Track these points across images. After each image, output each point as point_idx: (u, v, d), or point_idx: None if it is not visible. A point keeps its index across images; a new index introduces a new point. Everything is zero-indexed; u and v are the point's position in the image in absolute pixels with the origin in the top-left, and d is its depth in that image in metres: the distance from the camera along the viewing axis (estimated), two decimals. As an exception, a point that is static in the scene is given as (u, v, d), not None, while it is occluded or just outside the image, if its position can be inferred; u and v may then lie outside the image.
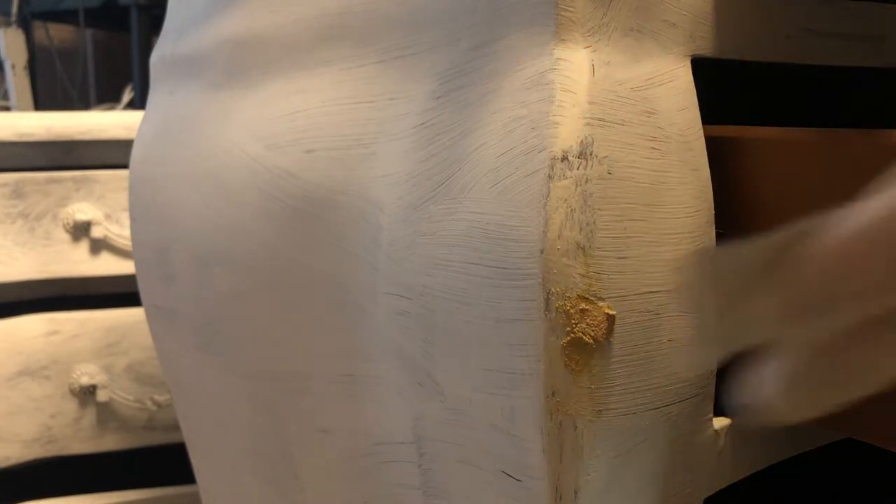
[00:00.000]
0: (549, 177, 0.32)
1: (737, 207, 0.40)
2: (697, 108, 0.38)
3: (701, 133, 0.38)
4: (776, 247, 0.28)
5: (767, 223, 0.38)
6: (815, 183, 0.36)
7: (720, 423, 0.40)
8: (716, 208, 0.39)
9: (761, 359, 0.28)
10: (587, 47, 0.35)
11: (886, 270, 0.24)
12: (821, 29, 0.46)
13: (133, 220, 0.74)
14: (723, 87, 0.46)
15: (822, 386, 0.27)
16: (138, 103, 2.40)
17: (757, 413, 0.29)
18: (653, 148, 0.35)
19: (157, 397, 1.14)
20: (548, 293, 0.32)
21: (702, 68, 0.41)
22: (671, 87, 0.37)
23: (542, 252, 0.33)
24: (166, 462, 1.16)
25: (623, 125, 0.35)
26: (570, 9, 0.35)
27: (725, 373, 0.39)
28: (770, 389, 0.28)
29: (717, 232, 0.39)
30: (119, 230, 1.12)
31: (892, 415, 0.35)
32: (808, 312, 0.26)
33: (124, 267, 1.13)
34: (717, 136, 0.40)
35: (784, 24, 0.44)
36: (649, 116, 0.36)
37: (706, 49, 0.40)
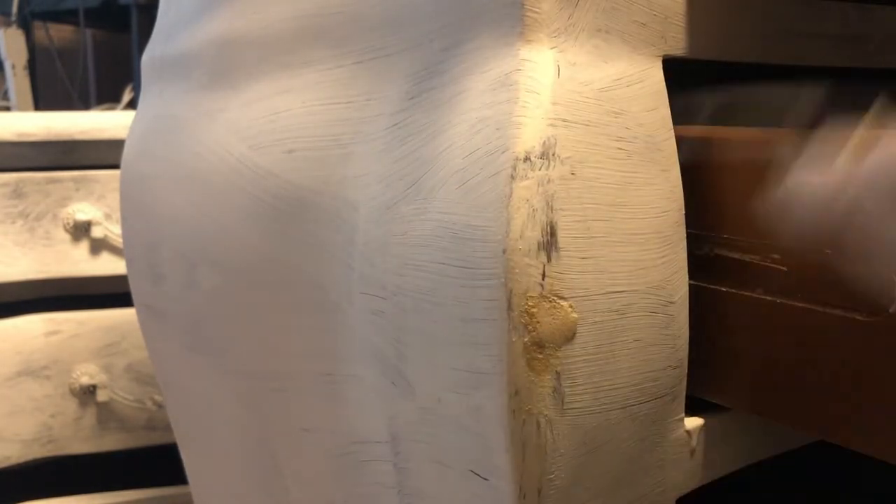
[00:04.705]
0: (512, 177, 0.33)
1: (710, 207, 0.40)
2: (668, 108, 0.38)
3: (671, 134, 0.38)
4: None
5: (739, 222, 0.38)
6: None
7: (692, 423, 0.40)
8: (689, 208, 0.39)
9: None
10: (553, 48, 0.35)
11: None
12: (799, 30, 0.46)
13: (123, 219, 0.75)
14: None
15: None
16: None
17: None
18: (619, 148, 0.36)
19: (157, 397, 1.15)
20: (510, 293, 0.32)
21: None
22: (640, 88, 0.37)
23: (504, 252, 0.33)
24: (166, 462, 1.16)
25: (588, 126, 0.35)
26: (536, 10, 0.35)
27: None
28: None
29: (688, 232, 0.39)
30: (119, 230, 1.12)
31: (863, 417, 0.35)
32: None
33: (124, 267, 1.13)
34: (690, 137, 0.40)
35: (761, 25, 0.44)
36: (616, 117, 0.36)
37: (678, 49, 0.40)
